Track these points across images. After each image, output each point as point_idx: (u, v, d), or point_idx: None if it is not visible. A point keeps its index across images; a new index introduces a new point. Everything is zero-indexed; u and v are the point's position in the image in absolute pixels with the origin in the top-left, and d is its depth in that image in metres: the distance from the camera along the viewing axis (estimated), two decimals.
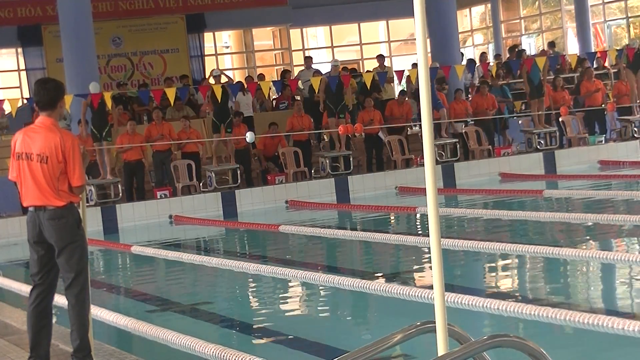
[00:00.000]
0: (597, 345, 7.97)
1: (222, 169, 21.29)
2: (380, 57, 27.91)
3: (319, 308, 10.81)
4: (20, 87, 30.81)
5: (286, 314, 10.53)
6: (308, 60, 27.73)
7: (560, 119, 23.82)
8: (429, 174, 4.21)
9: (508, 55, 30.24)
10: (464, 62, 26.69)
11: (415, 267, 12.82)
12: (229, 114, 21.79)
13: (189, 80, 26.72)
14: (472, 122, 23.50)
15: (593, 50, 30.62)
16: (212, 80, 22.68)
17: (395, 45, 37.33)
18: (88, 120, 20.61)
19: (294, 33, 34.69)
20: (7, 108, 22.75)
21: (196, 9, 31.34)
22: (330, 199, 20.70)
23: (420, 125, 13.64)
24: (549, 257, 11.69)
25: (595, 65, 26.64)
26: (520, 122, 25.19)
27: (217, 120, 21.58)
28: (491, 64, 26.79)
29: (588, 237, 13.78)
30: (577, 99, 24.84)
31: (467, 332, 4.35)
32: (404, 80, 25.58)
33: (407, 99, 23.98)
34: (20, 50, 30.57)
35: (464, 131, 23.31)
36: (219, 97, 21.32)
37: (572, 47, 34.71)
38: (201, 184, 21.19)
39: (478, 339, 4.09)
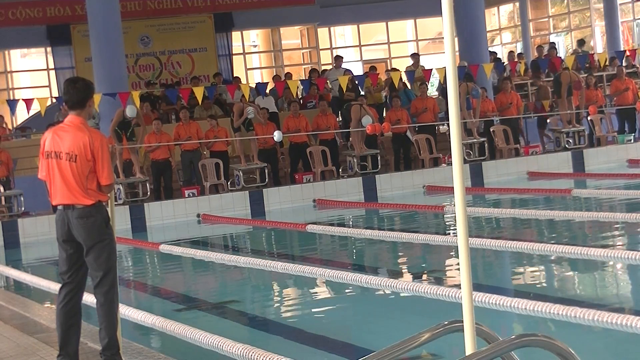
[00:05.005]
0: (626, 345, 7.93)
1: (249, 167, 21.32)
2: (415, 56, 27.92)
3: (346, 307, 10.80)
4: (49, 86, 31.00)
5: (313, 313, 10.53)
6: (338, 59, 27.74)
7: (589, 118, 23.73)
8: (456, 173, 4.20)
9: (536, 55, 30.15)
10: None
11: (443, 266, 12.80)
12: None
13: (221, 79, 26.78)
14: (498, 121, 23.44)
15: (622, 49, 30.47)
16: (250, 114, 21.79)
17: (423, 44, 37.28)
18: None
19: (322, 32, 34.70)
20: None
21: (224, 8, 31.40)
22: (357, 198, 20.70)
23: (448, 124, 13.62)
24: (578, 256, 11.64)
25: (624, 64, 26.51)
26: (548, 120, 25.10)
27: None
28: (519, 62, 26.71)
29: (617, 237, 13.70)
30: (606, 98, 24.79)
31: (495, 332, 4.34)
32: (433, 79, 25.57)
33: (428, 91, 23.94)
34: (49, 49, 30.74)
35: (491, 130, 23.25)
36: (246, 95, 21.41)
37: (600, 46, 34.55)
38: (229, 183, 21.24)
39: (506, 339, 4.08)
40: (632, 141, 23.45)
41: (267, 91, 24.57)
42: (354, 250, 15.25)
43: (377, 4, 34.47)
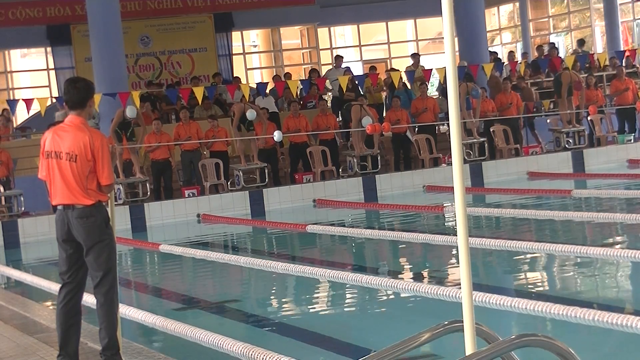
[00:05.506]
0: (626, 345, 7.93)
1: (249, 167, 21.31)
2: (415, 56, 27.90)
3: (346, 307, 10.81)
4: (49, 86, 30.99)
5: (313, 313, 10.53)
6: (338, 59, 27.74)
7: (589, 118, 23.73)
8: (456, 173, 4.20)
9: (536, 55, 30.14)
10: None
11: (443, 266, 12.80)
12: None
13: (221, 79, 26.78)
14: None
15: (622, 49, 30.47)
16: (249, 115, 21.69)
17: (423, 44, 37.28)
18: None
19: (322, 32, 34.69)
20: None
21: (224, 8, 31.39)
22: (357, 198, 20.69)
23: (448, 124, 13.61)
24: (578, 256, 11.63)
25: (624, 64, 26.51)
26: (548, 120, 25.09)
27: (239, 120, 21.59)
28: (519, 62, 26.71)
29: (617, 237, 13.71)
30: (606, 98, 24.78)
31: (495, 332, 4.34)
32: (433, 79, 25.55)
33: (429, 92, 23.95)
34: (49, 49, 30.73)
35: (491, 130, 23.24)
36: (246, 95, 21.40)
37: (600, 46, 34.55)
38: (229, 183, 21.23)
39: (506, 339, 4.08)
40: (632, 141, 23.44)
41: (267, 91, 24.57)
42: (354, 250, 15.25)
43: (377, 4, 34.47)
